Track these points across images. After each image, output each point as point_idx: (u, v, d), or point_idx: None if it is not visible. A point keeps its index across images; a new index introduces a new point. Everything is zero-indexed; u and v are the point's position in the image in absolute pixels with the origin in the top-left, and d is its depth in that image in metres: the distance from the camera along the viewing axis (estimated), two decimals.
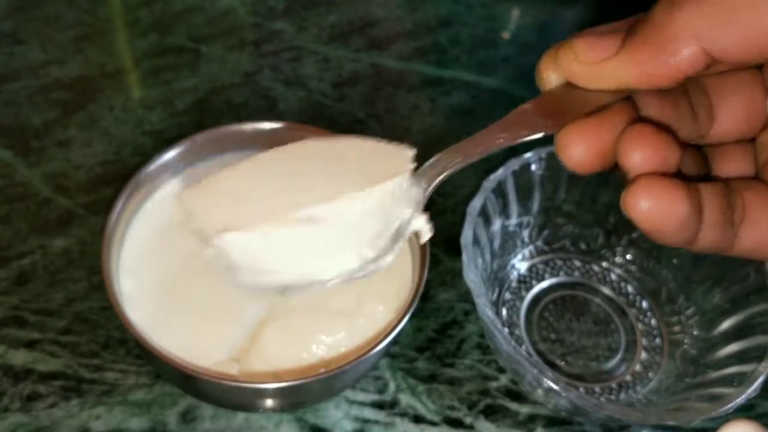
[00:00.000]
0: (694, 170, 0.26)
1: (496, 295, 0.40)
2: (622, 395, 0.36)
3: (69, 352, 0.35)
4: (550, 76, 0.25)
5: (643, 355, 0.39)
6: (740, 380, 0.31)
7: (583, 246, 0.42)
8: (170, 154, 0.36)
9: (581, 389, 0.36)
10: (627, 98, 0.25)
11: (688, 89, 0.26)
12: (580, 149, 0.24)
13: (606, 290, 0.41)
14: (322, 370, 0.30)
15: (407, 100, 0.52)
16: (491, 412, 0.35)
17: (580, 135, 0.24)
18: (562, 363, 0.38)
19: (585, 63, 0.24)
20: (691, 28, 0.21)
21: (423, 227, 0.27)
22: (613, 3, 0.68)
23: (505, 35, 0.60)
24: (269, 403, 0.32)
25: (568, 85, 0.25)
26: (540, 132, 0.25)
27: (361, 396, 0.35)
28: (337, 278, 0.26)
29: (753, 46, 0.21)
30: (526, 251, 0.42)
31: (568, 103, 0.25)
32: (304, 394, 0.32)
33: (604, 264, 0.42)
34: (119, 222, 0.34)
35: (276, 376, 0.32)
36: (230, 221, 0.25)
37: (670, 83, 0.22)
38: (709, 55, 0.21)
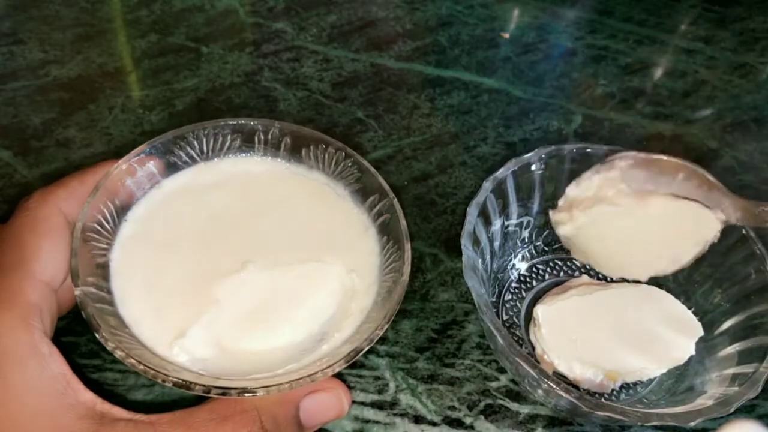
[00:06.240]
0: None
1: (496, 295, 0.39)
2: (623, 395, 0.36)
3: (69, 352, 0.35)
4: None
5: None
6: (741, 381, 0.31)
7: None
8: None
9: (581, 389, 0.36)
10: None
11: None
12: None
13: None
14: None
15: (407, 100, 0.52)
16: (491, 413, 0.35)
17: None
18: None
19: None
20: None
21: None
22: (613, 3, 0.68)
23: (505, 35, 0.60)
24: None
25: None
26: None
27: (361, 396, 0.35)
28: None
29: None
30: (526, 251, 0.42)
31: None
32: None
33: None
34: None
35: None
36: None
37: None
38: None
